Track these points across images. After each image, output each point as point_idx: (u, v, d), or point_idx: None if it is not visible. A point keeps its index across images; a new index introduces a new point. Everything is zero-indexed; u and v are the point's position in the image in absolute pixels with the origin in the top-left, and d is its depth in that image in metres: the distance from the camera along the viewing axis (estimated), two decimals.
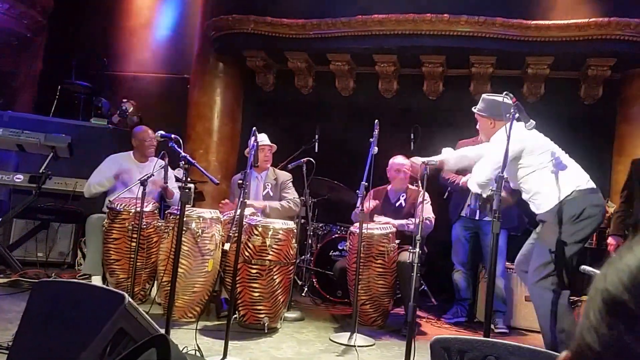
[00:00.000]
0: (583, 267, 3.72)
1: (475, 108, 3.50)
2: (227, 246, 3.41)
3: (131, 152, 4.85)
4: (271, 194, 4.55)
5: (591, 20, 4.66)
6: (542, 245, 3.18)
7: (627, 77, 5.23)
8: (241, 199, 3.31)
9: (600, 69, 5.06)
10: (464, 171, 4.51)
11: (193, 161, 3.53)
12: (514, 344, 1.89)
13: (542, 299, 3.09)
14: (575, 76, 5.43)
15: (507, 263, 4.38)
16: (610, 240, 4.17)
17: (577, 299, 4.52)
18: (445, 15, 4.98)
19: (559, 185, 3.14)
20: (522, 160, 3.25)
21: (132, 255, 4.08)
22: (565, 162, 3.23)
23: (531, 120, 3.17)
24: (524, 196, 3.37)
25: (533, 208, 3.32)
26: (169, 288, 3.37)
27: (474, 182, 3.36)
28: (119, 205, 4.24)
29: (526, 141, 3.20)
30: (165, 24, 7.03)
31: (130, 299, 1.99)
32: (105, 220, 4.27)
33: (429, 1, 5.07)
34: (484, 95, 3.50)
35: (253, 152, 3.55)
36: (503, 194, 3.51)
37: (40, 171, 4.87)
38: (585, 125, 5.57)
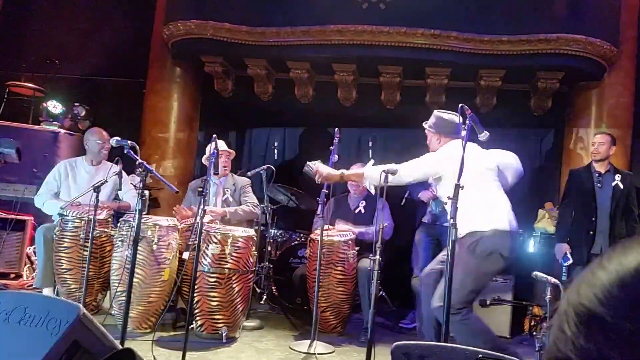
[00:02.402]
0: (535, 273, 3.86)
1: (425, 123, 3.57)
2: (185, 255, 3.35)
3: (83, 156, 4.71)
4: (230, 199, 4.50)
5: (541, 35, 4.86)
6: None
7: (575, 90, 5.47)
8: (201, 207, 3.27)
9: (549, 82, 5.28)
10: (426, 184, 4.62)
11: (151, 168, 3.47)
12: (472, 349, 1.94)
13: (460, 332, 3.06)
14: (526, 88, 5.65)
15: None
16: (556, 247, 4.34)
17: (527, 303, 4.68)
18: (402, 27, 5.09)
19: (477, 217, 3.12)
20: (442, 182, 3.28)
21: (84, 265, 3.95)
22: (491, 195, 3.22)
23: (485, 132, 3.26)
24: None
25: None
26: (123, 298, 3.28)
27: (403, 176, 3.29)
28: (70, 212, 4.10)
29: (446, 168, 3.19)
30: (120, 26, 6.87)
31: (85, 310, 1.93)
32: (57, 228, 4.12)
33: (387, 13, 5.15)
34: (435, 112, 3.57)
35: (213, 160, 3.52)
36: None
37: None
38: (535, 135, 5.80)
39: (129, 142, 3.53)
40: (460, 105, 3.19)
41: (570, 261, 4.07)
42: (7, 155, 4.71)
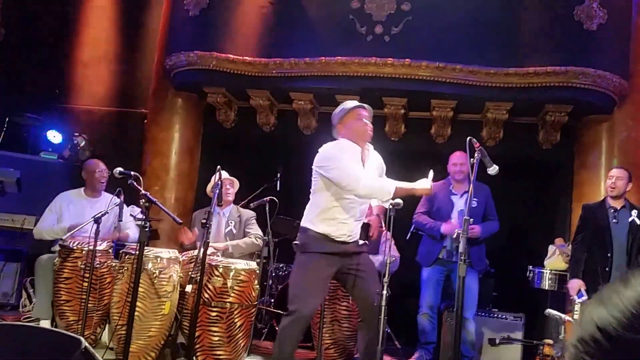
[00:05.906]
0: (548, 310, 3.74)
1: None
2: (189, 288, 3.24)
3: (82, 188, 4.64)
4: (234, 231, 4.40)
5: (549, 68, 4.80)
6: None
7: (584, 124, 5.35)
8: (204, 240, 3.19)
9: (557, 115, 5.18)
10: (440, 216, 4.52)
11: (154, 199, 3.40)
12: None
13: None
14: (534, 121, 5.56)
15: None
16: (570, 283, 4.20)
17: (537, 342, 4.53)
18: (406, 60, 5.07)
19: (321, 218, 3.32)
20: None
21: (84, 296, 3.83)
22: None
23: (494, 165, 3.20)
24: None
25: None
26: (123, 332, 3.15)
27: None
28: (71, 243, 4.01)
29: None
30: (121, 57, 6.87)
31: (87, 344, 1.86)
32: (57, 259, 4.02)
33: (392, 46, 5.15)
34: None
35: (217, 191, 3.46)
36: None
37: None
38: (543, 169, 5.70)
39: (132, 173, 3.48)
40: (468, 138, 3.14)
41: (585, 297, 3.95)
42: (8, 185, 4.63)
